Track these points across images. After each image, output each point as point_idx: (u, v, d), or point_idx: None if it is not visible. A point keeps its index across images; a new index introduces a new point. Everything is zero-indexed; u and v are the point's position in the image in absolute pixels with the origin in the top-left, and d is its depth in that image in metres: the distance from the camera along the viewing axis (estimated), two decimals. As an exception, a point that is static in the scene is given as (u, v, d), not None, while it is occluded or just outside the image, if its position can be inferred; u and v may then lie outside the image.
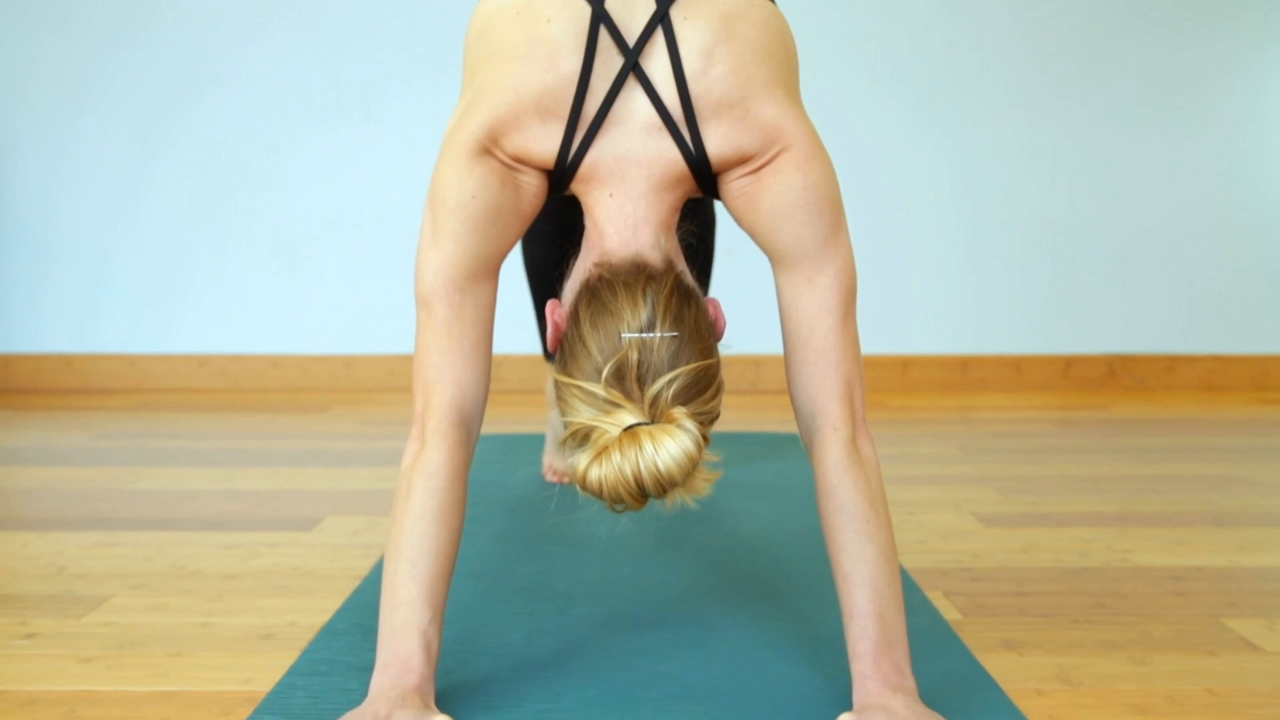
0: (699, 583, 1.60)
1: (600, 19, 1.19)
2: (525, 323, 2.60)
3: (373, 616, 1.34)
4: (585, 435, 1.08)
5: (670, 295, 1.13)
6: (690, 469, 1.03)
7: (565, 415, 1.11)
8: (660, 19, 1.19)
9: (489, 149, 1.19)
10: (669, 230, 1.23)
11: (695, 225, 1.56)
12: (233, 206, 3.66)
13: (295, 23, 3.62)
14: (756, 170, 1.20)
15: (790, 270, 1.21)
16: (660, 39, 1.19)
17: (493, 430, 2.73)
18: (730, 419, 1.19)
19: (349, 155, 3.66)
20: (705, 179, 1.22)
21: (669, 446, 1.02)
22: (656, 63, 1.19)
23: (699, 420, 1.08)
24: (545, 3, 1.20)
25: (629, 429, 1.05)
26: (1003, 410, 3.36)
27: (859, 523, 1.15)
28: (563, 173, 1.21)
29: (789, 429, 2.83)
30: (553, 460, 2.25)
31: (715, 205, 2.17)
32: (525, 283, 2.21)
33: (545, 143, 1.19)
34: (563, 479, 2.22)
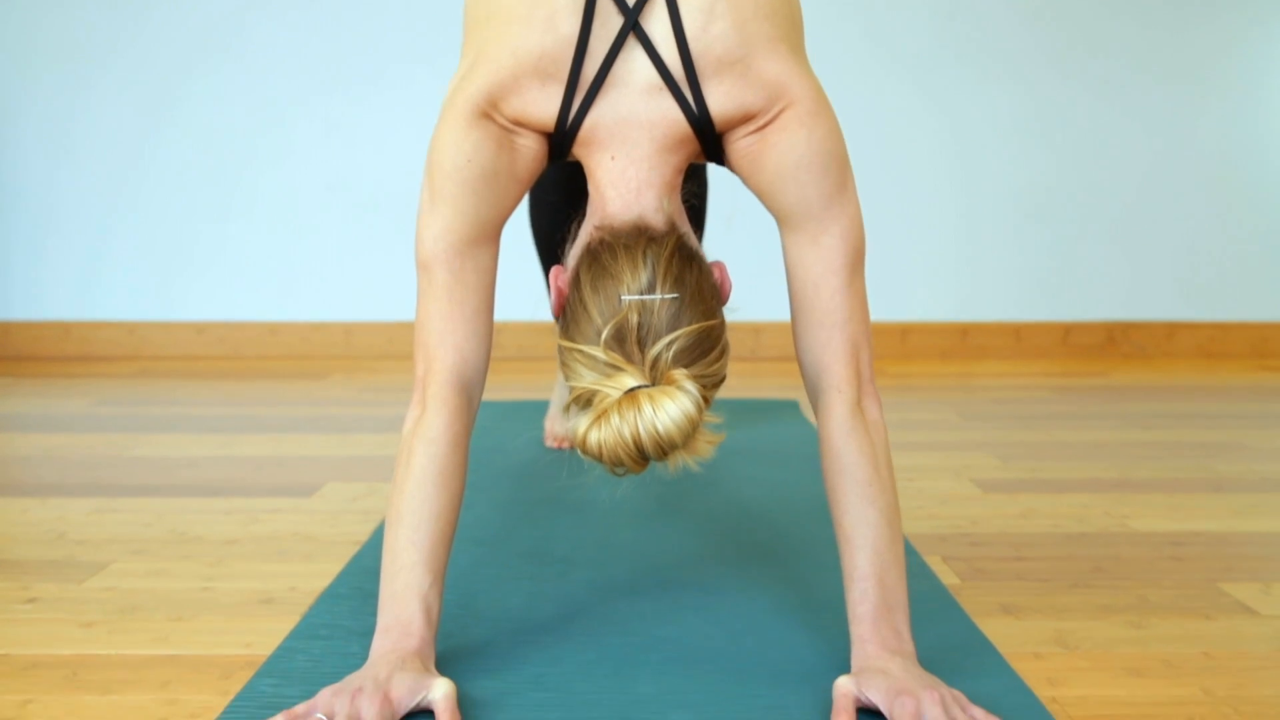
0: (699, 547, 1.60)
1: None
2: (524, 289, 2.59)
3: (373, 581, 1.35)
4: (588, 400, 1.08)
5: (671, 257, 1.12)
6: (690, 431, 1.03)
7: (568, 380, 1.11)
8: None
9: (487, 113, 1.18)
10: (673, 192, 1.21)
11: (696, 186, 1.55)
12: (232, 173, 3.65)
13: (292, -13, 3.59)
14: (761, 129, 1.19)
15: (795, 230, 1.20)
16: None
17: (492, 397, 2.73)
18: (730, 384, 1.19)
19: (347, 122, 3.64)
20: (708, 140, 1.20)
21: (668, 408, 1.02)
22: (656, 22, 1.18)
23: (702, 383, 1.08)
24: None
25: (629, 392, 1.04)
26: (1002, 377, 3.36)
27: (862, 485, 1.15)
28: (563, 136, 1.20)
29: (789, 395, 2.83)
30: (554, 426, 2.25)
31: (707, 168, 2.16)
32: (525, 249, 2.21)
33: (545, 105, 1.18)
34: (562, 445, 2.22)
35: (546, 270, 2.17)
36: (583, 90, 1.18)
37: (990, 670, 1.17)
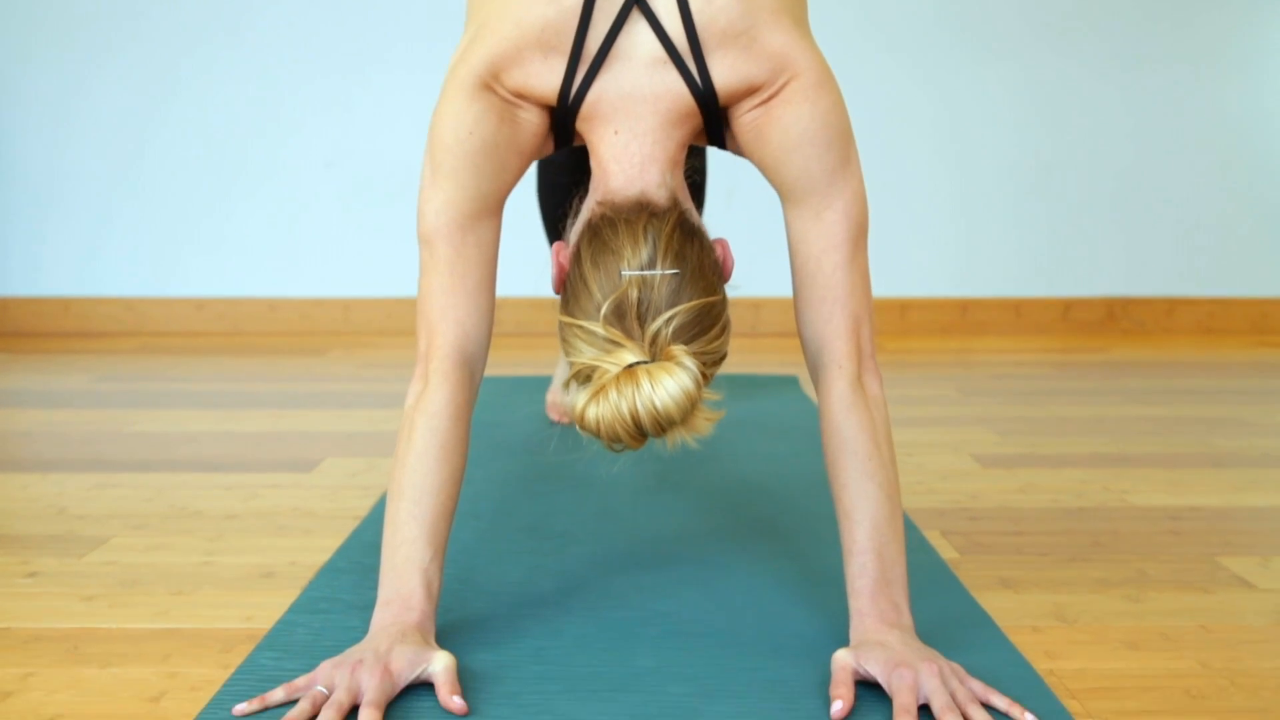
0: (698, 521, 1.61)
1: None
2: (524, 265, 2.59)
3: (372, 556, 1.35)
4: (587, 375, 1.08)
5: (673, 232, 1.11)
6: (689, 407, 1.03)
7: (568, 356, 1.11)
8: None
9: (489, 84, 1.17)
10: (676, 168, 1.20)
11: (696, 162, 1.54)
12: (232, 150, 3.64)
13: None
14: (765, 101, 1.18)
15: (799, 205, 1.20)
16: None
17: (492, 373, 2.72)
18: (730, 360, 1.18)
19: (346, 97, 3.62)
20: (712, 115, 1.20)
21: (667, 384, 1.02)
22: None
23: (702, 360, 1.07)
24: None
25: (628, 368, 1.04)
26: (1001, 353, 3.36)
27: (861, 460, 1.15)
28: (566, 111, 1.19)
29: (789, 370, 2.83)
30: (556, 398, 2.25)
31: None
32: (524, 225, 2.20)
33: (547, 77, 1.17)
34: (564, 419, 2.22)
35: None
36: (585, 63, 1.17)
37: (988, 643, 1.17)
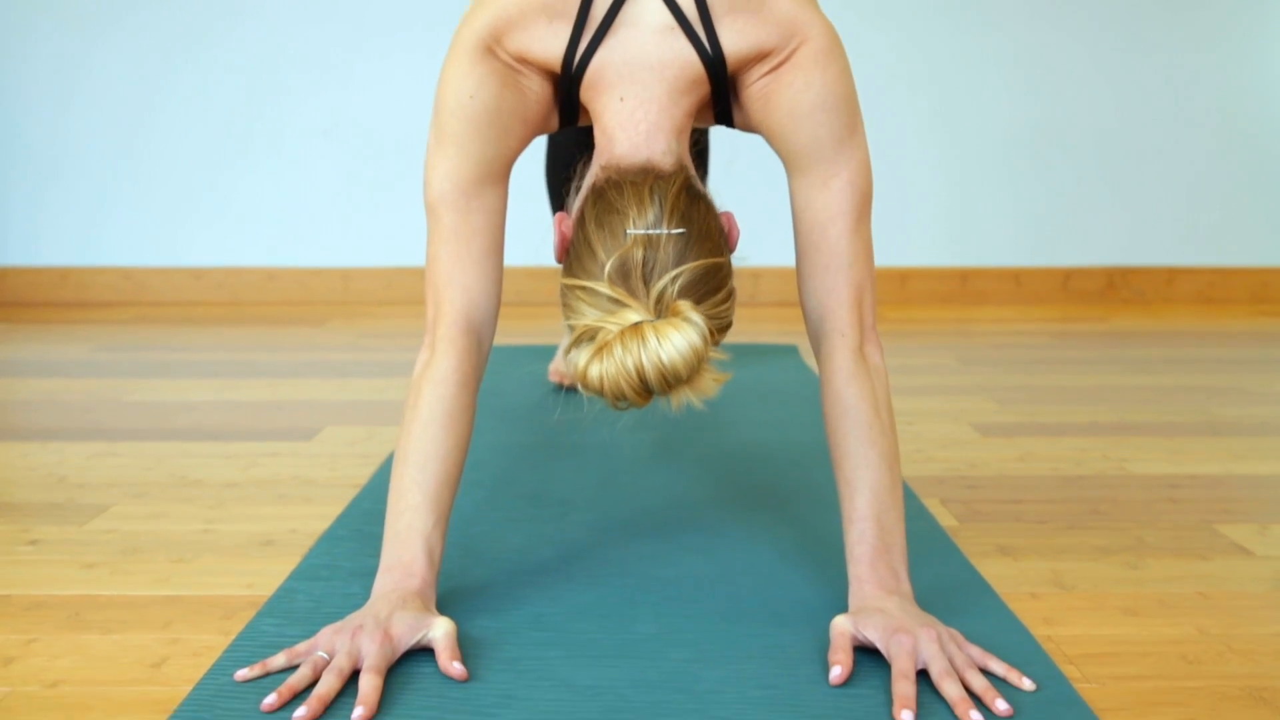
0: (698, 489, 1.61)
1: None
2: (524, 234, 2.58)
3: (372, 523, 1.36)
4: (591, 336, 1.06)
5: (679, 194, 1.10)
6: (695, 364, 1.01)
7: (570, 320, 1.08)
8: None
9: (491, 49, 1.16)
10: (682, 136, 1.19)
11: (700, 129, 1.53)
12: (230, 120, 3.62)
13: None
14: (775, 68, 1.17)
15: (805, 173, 1.19)
16: None
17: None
18: (730, 329, 1.18)
19: (345, 66, 3.60)
20: (720, 83, 1.18)
21: (674, 339, 1.00)
22: None
23: (708, 322, 1.07)
24: None
25: (634, 325, 1.03)
26: (1002, 322, 3.35)
27: (862, 428, 1.15)
28: (570, 79, 1.18)
29: (789, 340, 2.83)
30: (559, 365, 2.25)
31: None
32: (524, 194, 2.19)
33: (551, 43, 1.16)
34: (564, 380, 2.22)
35: None
36: (591, 29, 1.16)
37: (987, 610, 1.18)
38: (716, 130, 2.32)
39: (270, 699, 0.96)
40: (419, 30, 3.47)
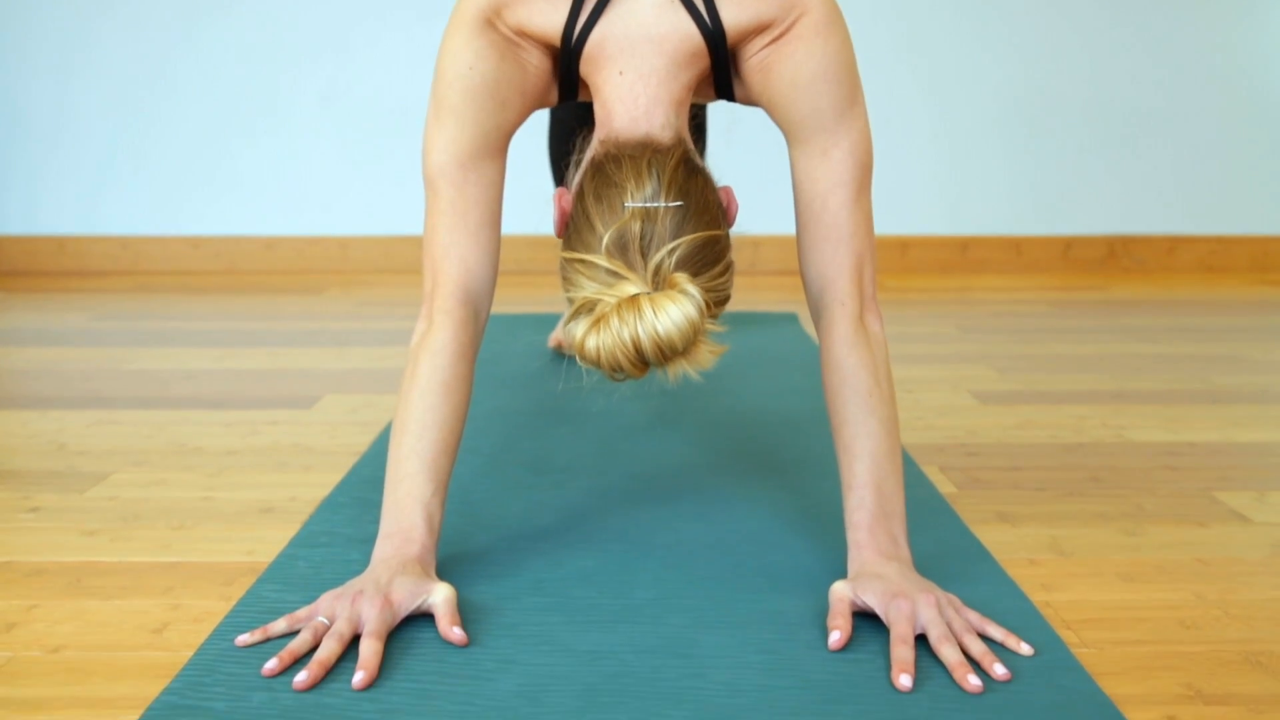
0: (697, 456, 1.61)
1: None
2: (524, 204, 2.57)
3: (372, 491, 1.36)
4: (589, 309, 1.07)
5: (677, 167, 1.10)
6: (692, 336, 1.02)
7: (568, 293, 1.09)
8: None
9: (491, 21, 1.16)
10: (681, 110, 1.19)
11: (697, 104, 1.52)
12: (229, 88, 3.59)
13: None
14: (776, 40, 1.17)
15: (805, 144, 1.19)
16: None
17: (491, 310, 2.72)
18: (732, 295, 1.18)
19: (344, 34, 3.58)
20: (720, 56, 1.18)
21: (670, 311, 1.00)
22: None
23: (706, 295, 1.06)
24: None
25: (630, 297, 1.03)
26: (1002, 291, 3.35)
27: (862, 396, 1.15)
28: (569, 53, 1.18)
29: (789, 308, 2.83)
30: (560, 333, 2.25)
31: None
32: (524, 163, 2.18)
33: (550, 15, 1.16)
34: (561, 346, 2.23)
35: None
36: (590, 2, 1.15)
37: (985, 576, 1.18)
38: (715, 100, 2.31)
39: (271, 664, 0.96)
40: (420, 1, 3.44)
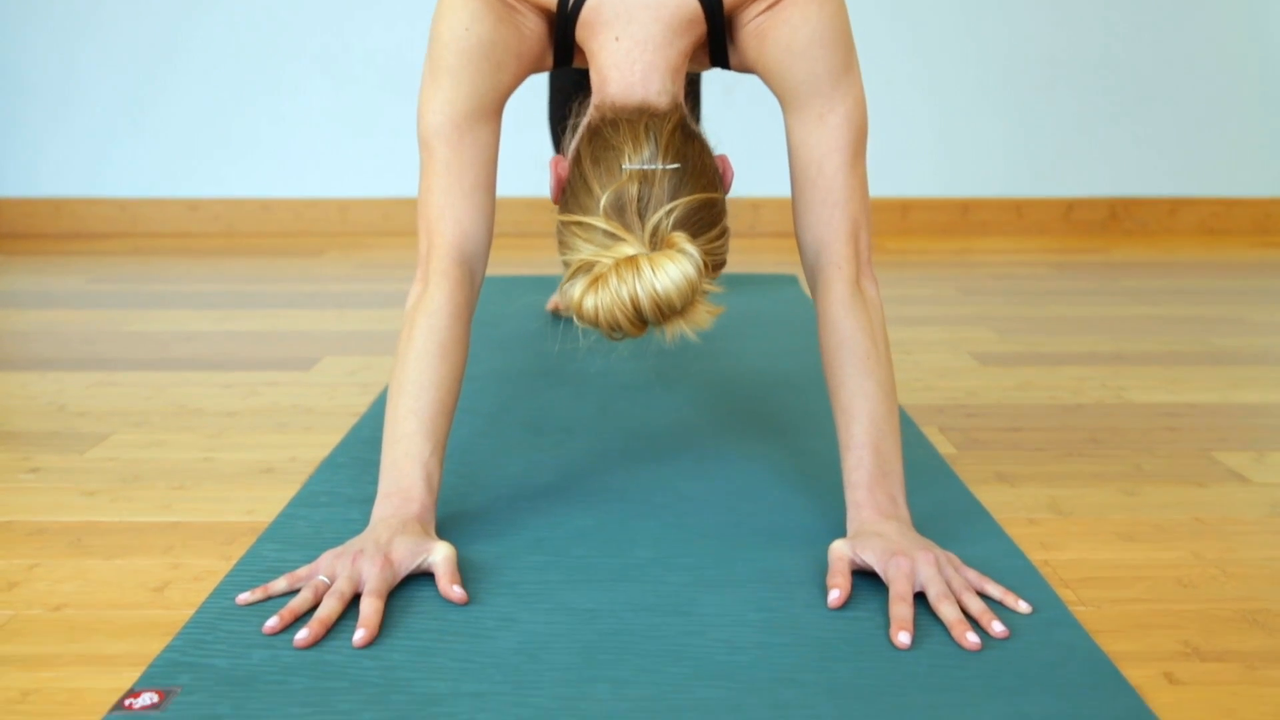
0: (696, 417, 1.61)
1: None
2: (521, 165, 2.56)
3: (371, 451, 1.36)
4: (587, 269, 1.06)
5: (674, 131, 1.10)
6: (690, 294, 1.01)
7: (566, 255, 1.09)
8: None
9: None
10: (678, 76, 1.18)
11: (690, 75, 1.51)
12: (226, 51, 3.57)
13: None
14: (772, 5, 1.16)
15: (801, 109, 1.18)
16: None
17: (490, 272, 2.71)
18: (729, 260, 1.18)
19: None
20: (716, 23, 1.17)
21: (669, 269, 1.00)
22: None
23: (703, 255, 1.06)
24: None
25: (628, 257, 1.03)
26: (1002, 253, 3.34)
27: (859, 358, 1.15)
28: (565, 17, 1.17)
29: (787, 270, 2.82)
30: (558, 296, 2.25)
31: None
32: (521, 124, 2.17)
33: None
34: (557, 310, 2.23)
35: None
36: None
37: (984, 535, 1.19)
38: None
39: (272, 622, 0.97)
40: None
